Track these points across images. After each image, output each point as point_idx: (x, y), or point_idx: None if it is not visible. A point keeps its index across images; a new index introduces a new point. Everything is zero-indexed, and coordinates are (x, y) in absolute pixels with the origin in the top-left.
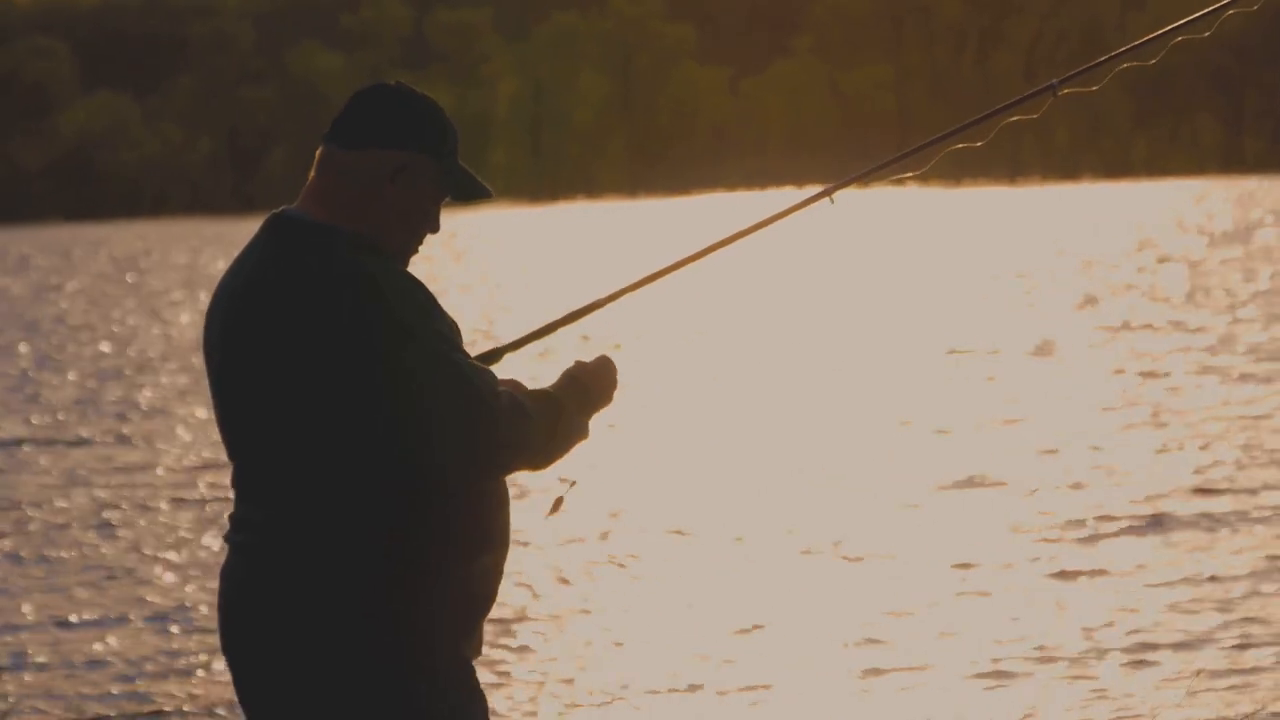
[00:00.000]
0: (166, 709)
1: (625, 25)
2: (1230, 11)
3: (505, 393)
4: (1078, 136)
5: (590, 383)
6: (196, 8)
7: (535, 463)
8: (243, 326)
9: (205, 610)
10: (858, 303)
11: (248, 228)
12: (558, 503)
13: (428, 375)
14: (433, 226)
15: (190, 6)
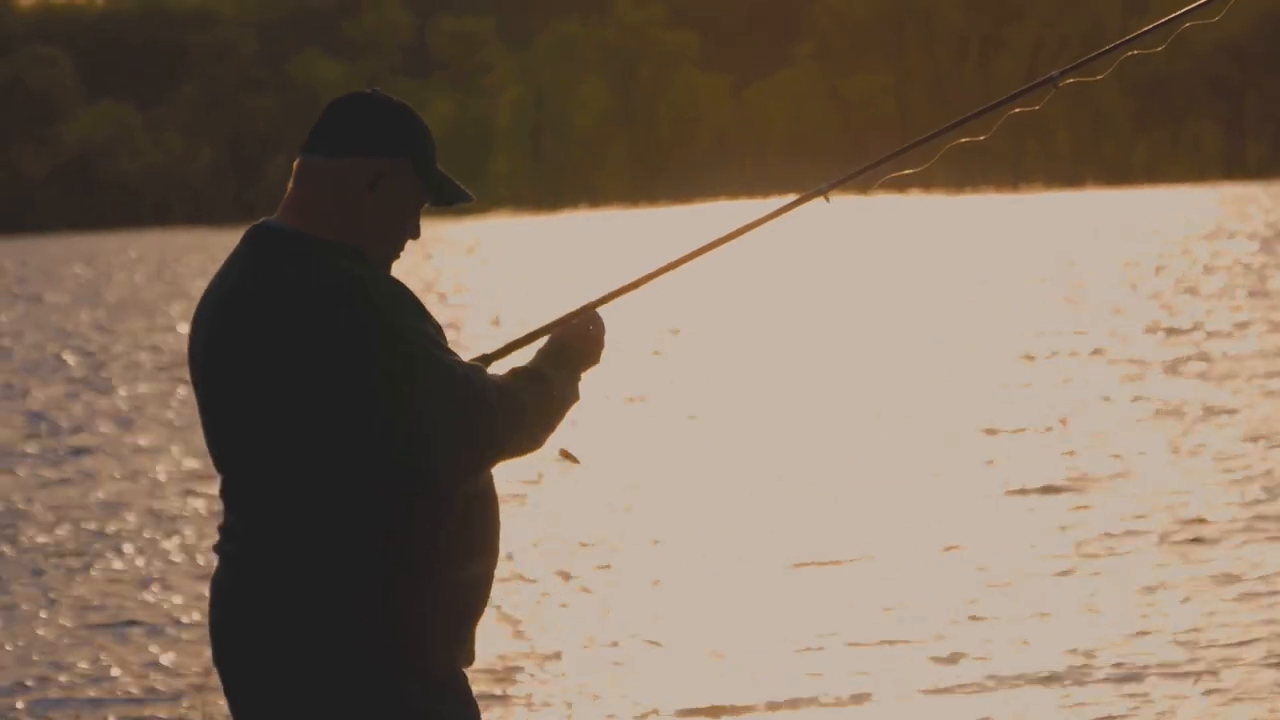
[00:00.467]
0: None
1: (627, 33)
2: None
3: (498, 386)
4: (1080, 142)
5: (576, 343)
6: (198, 16)
7: (532, 448)
8: (227, 338)
9: (200, 620)
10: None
11: None
12: (566, 454)
13: (422, 378)
14: (413, 232)
15: (192, 15)
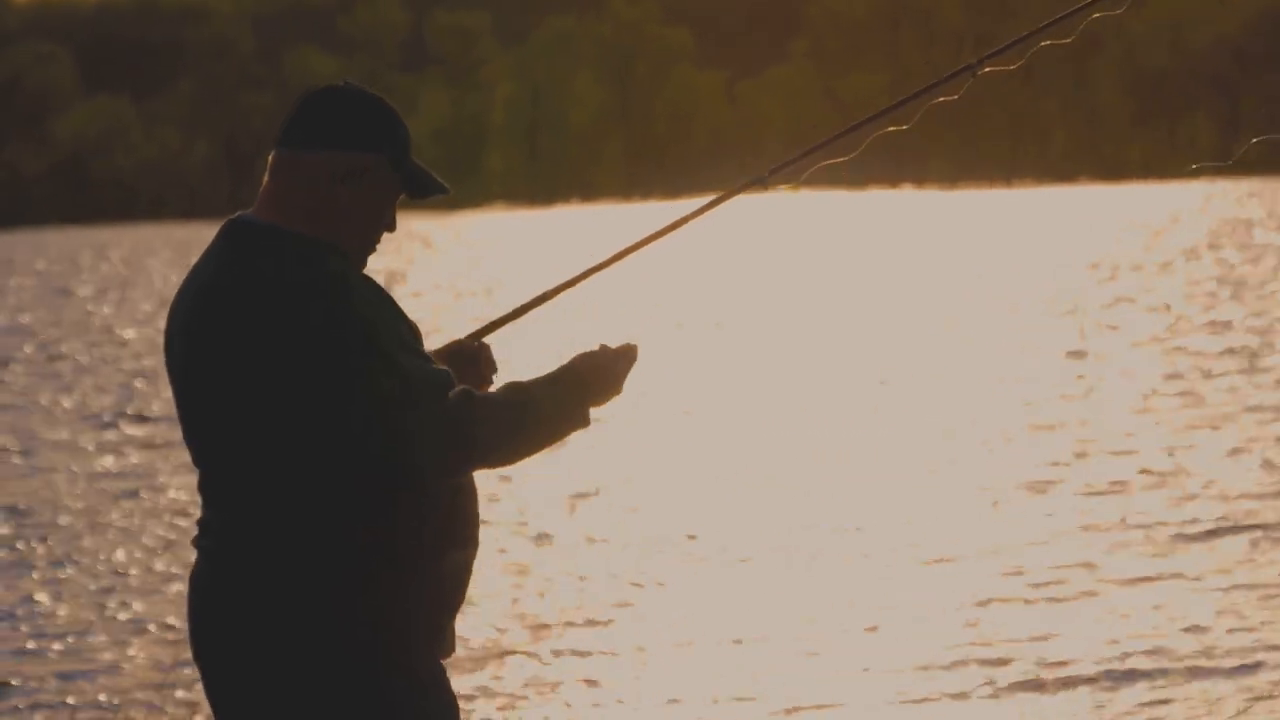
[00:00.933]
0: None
1: (623, 29)
2: None
3: (467, 389)
4: (1075, 138)
5: (588, 373)
6: (193, 12)
7: (510, 459)
8: (203, 332)
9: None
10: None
11: None
12: None
13: (386, 377)
14: (389, 225)
15: (187, 11)
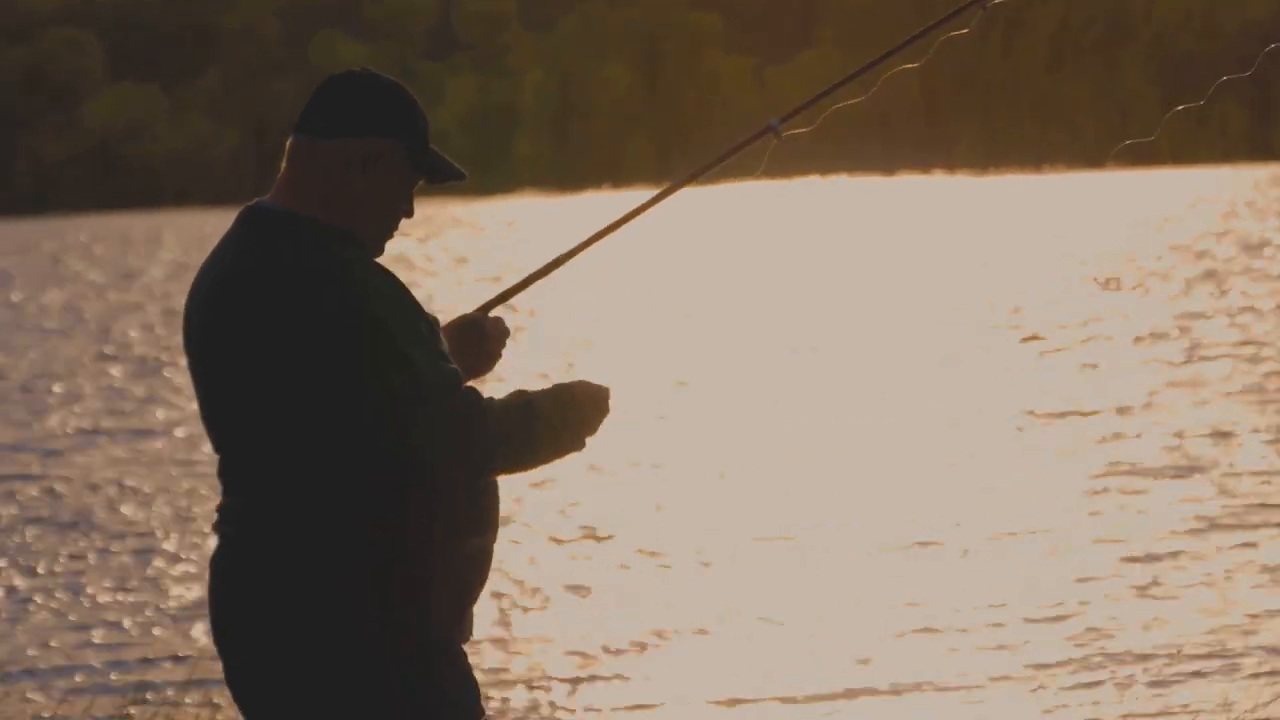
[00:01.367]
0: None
1: (651, 14)
2: (943, 38)
3: (473, 389)
4: (1105, 124)
5: (586, 401)
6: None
7: (510, 459)
8: (222, 319)
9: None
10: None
11: None
12: None
13: (397, 372)
14: (407, 211)
15: None
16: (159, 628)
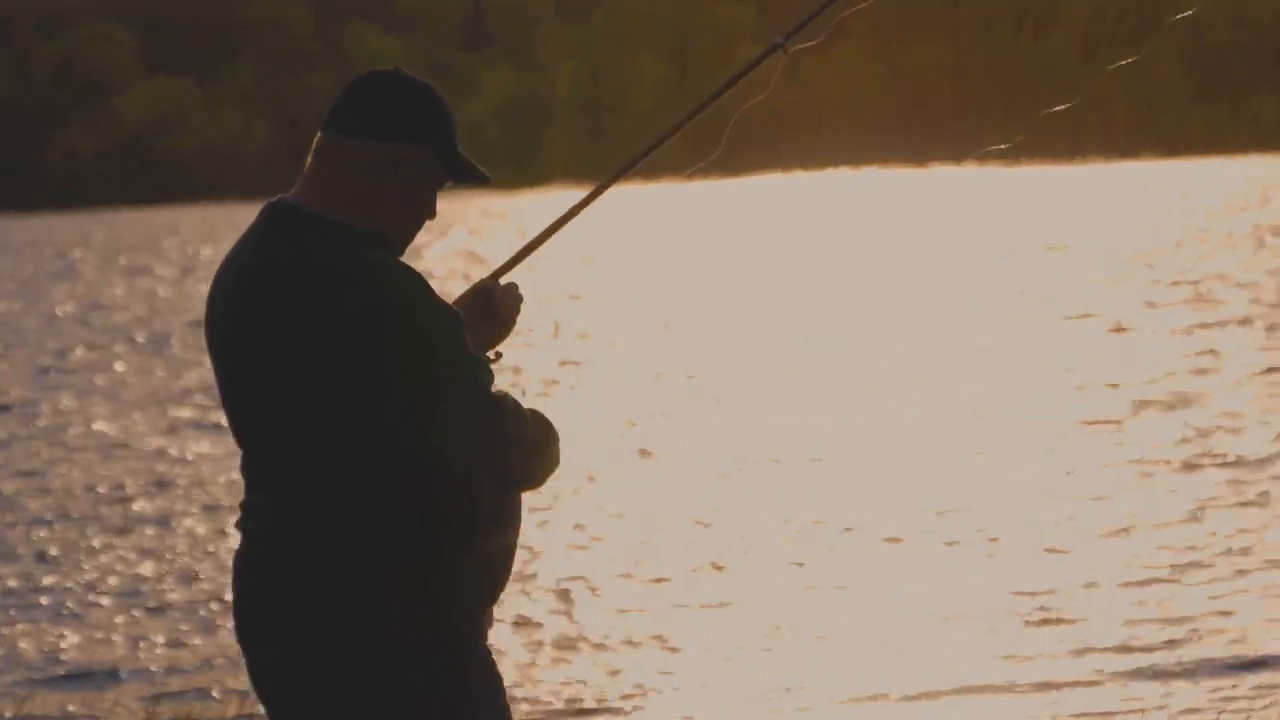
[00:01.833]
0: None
1: (684, 6)
2: None
3: (501, 392)
4: (1138, 114)
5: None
6: None
7: (532, 464)
8: (247, 316)
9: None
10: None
11: None
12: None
13: (421, 371)
14: (431, 213)
15: None
16: (183, 624)
